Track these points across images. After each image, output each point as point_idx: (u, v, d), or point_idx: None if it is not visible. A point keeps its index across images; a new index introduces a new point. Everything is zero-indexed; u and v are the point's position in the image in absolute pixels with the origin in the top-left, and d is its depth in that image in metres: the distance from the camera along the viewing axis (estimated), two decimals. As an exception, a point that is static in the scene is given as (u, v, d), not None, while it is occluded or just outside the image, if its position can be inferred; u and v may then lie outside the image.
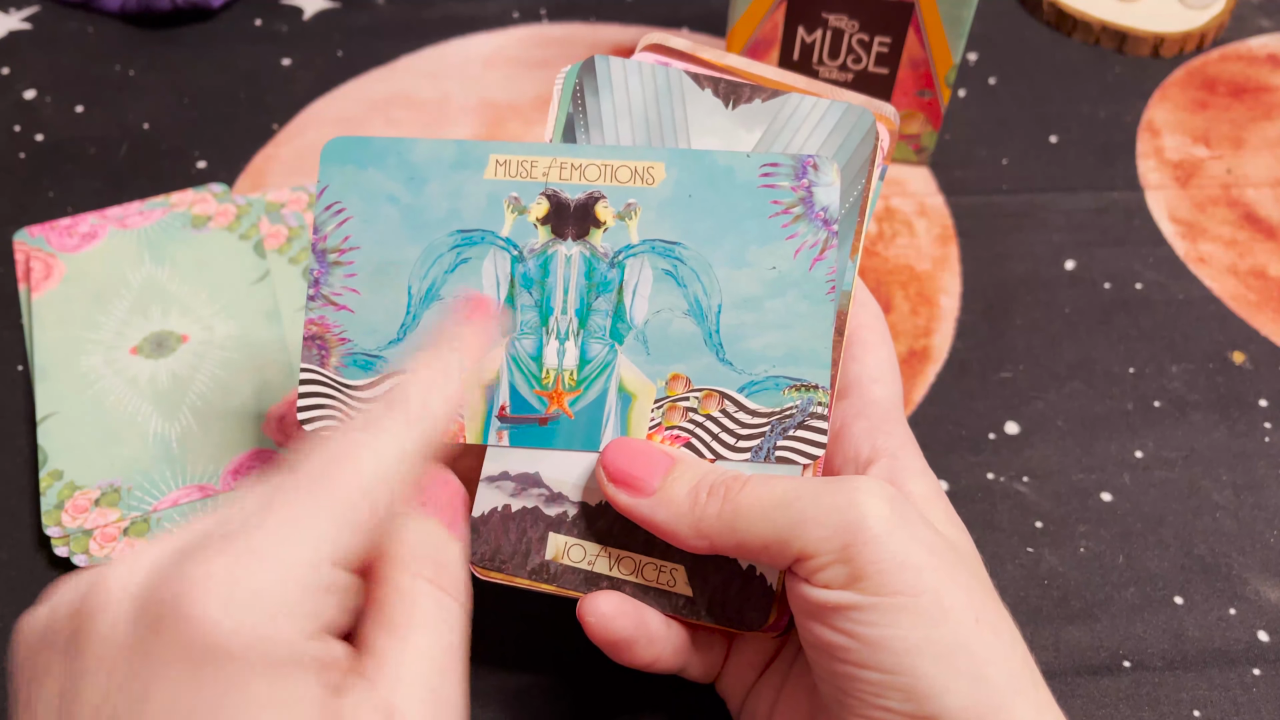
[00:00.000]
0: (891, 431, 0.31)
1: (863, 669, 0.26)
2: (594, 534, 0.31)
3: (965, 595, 0.26)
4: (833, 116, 0.31)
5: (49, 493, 0.38)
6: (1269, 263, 0.49)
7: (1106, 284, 0.48)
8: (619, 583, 0.30)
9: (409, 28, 0.59)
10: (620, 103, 0.32)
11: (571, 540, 0.31)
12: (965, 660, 0.26)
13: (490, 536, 0.31)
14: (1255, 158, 0.53)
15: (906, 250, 0.49)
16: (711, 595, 0.30)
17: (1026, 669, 0.27)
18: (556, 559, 0.30)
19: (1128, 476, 0.41)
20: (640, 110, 0.32)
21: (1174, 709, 0.35)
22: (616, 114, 0.32)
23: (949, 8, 0.47)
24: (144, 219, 0.47)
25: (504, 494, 0.31)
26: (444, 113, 0.54)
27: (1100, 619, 0.37)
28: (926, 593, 0.26)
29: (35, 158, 0.52)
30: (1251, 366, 0.45)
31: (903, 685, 0.25)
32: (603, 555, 0.30)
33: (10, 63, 0.56)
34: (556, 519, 0.31)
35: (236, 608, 0.20)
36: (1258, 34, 0.60)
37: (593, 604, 0.30)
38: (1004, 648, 0.26)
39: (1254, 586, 0.38)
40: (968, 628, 0.26)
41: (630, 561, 0.30)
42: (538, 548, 0.31)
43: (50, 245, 0.46)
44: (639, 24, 0.60)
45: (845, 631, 0.26)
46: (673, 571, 0.30)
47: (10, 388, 0.43)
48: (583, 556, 0.31)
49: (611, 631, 0.29)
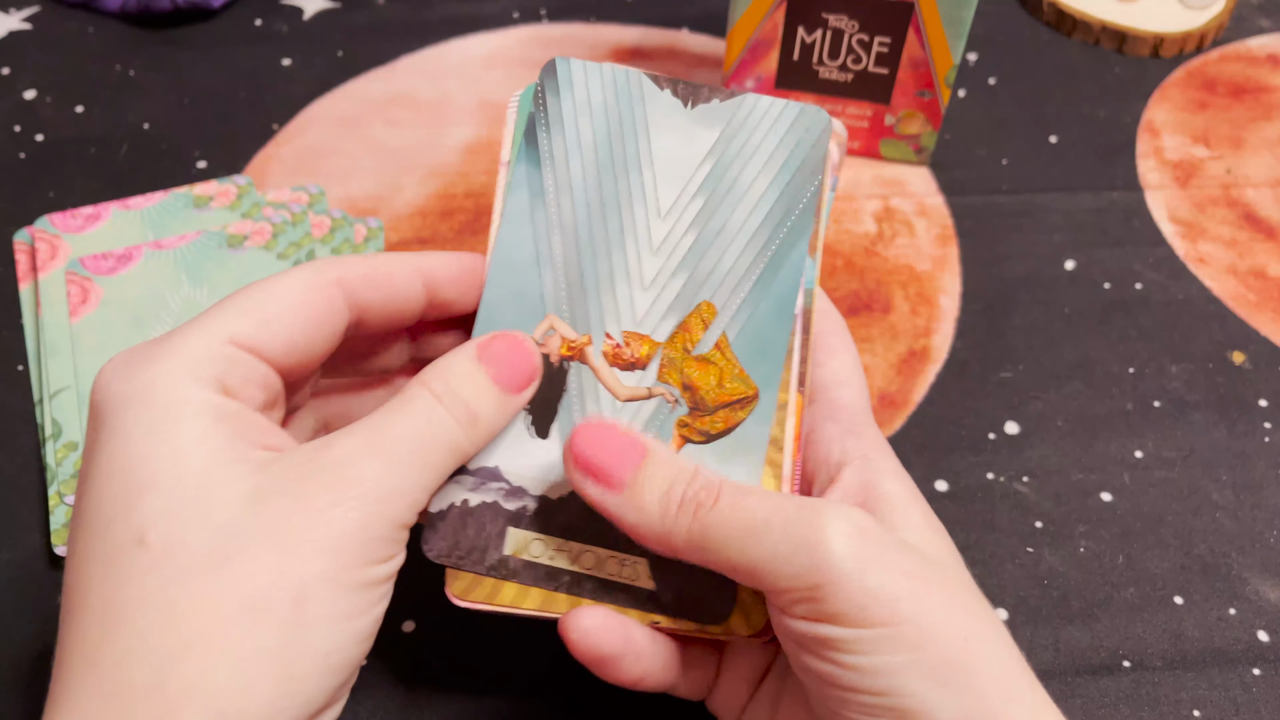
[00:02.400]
0: (862, 434, 0.31)
1: (852, 693, 0.26)
2: (555, 528, 0.30)
3: (949, 614, 0.26)
4: (789, 116, 0.32)
5: (57, 511, 0.38)
6: (1269, 263, 0.49)
7: (1106, 284, 0.48)
8: (580, 578, 0.30)
9: (409, 28, 0.59)
10: (581, 102, 0.32)
11: (531, 535, 0.30)
12: (955, 675, 0.25)
13: (448, 531, 0.30)
14: (1255, 158, 0.53)
15: (906, 250, 0.49)
16: (675, 589, 0.30)
17: (1020, 674, 0.27)
18: (516, 554, 0.30)
19: (1128, 476, 0.41)
20: (601, 110, 0.32)
21: (1174, 709, 0.35)
22: (578, 113, 0.32)
23: (949, 8, 0.47)
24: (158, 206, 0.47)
25: (463, 489, 0.30)
26: (444, 113, 0.54)
27: (1100, 619, 0.37)
28: (907, 622, 0.25)
29: (35, 158, 0.52)
30: (1251, 366, 0.45)
31: (893, 705, 0.25)
32: (563, 550, 0.30)
33: (10, 63, 0.56)
34: (516, 513, 0.30)
35: (123, 372, 0.26)
36: (1258, 34, 0.60)
37: (575, 620, 0.29)
38: (995, 657, 0.26)
39: (1254, 586, 0.38)
40: (956, 646, 0.26)
41: (591, 556, 0.30)
42: (496, 543, 0.30)
43: (55, 227, 0.46)
44: (639, 24, 0.60)
45: (830, 660, 0.26)
46: (635, 565, 0.30)
47: (10, 388, 0.43)
48: (543, 551, 0.30)
49: (595, 648, 0.29)
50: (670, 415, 0.31)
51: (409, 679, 0.36)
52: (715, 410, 0.30)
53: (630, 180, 0.32)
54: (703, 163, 0.32)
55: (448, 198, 0.51)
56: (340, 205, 0.50)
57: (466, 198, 0.50)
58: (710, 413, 0.30)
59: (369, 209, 0.50)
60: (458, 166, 0.52)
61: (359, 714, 0.35)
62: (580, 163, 0.32)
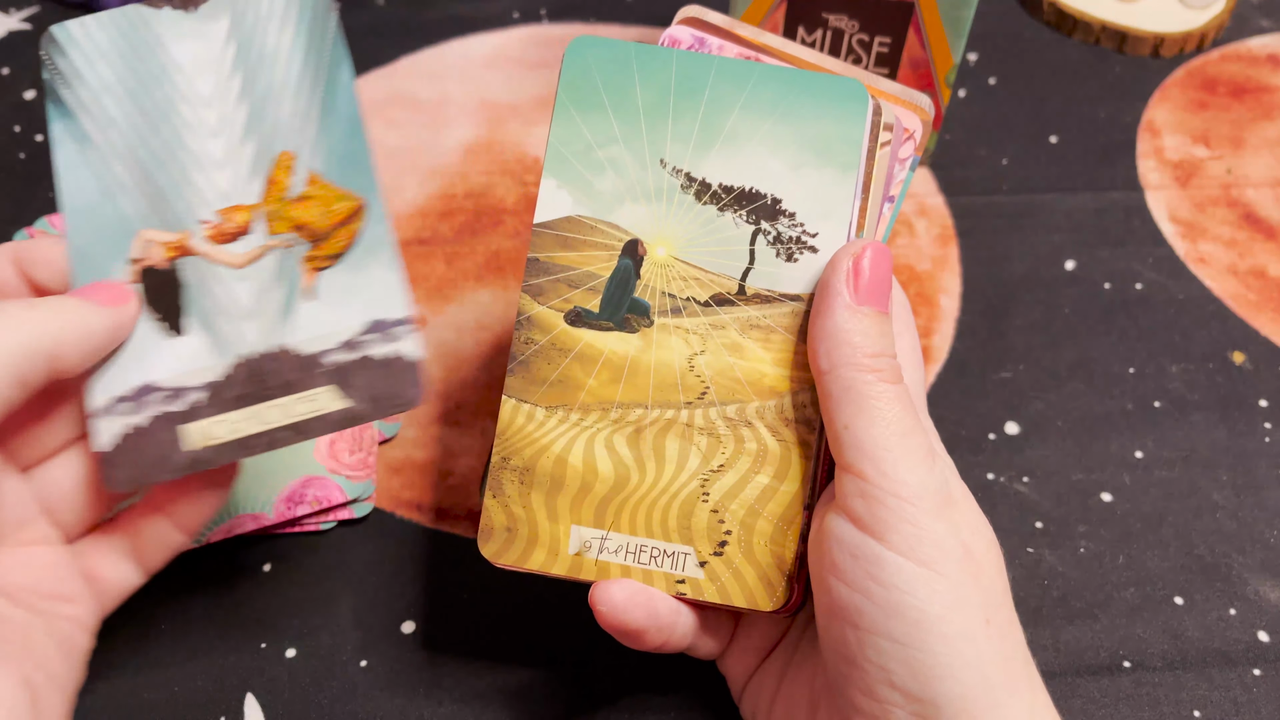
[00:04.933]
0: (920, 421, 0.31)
1: (873, 635, 0.26)
2: (229, 404, 0.30)
3: (982, 595, 0.27)
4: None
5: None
6: (1269, 263, 0.49)
7: (1106, 284, 0.48)
8: (274, 434, 0.30)
9: (409, 28, 0.59)
10: (91, 50, 0.32)
11: (210, 421, 0.30)
12: (972, 652, 0.26)
13: (125, 460, 0.30)
14: (1255, 158, 0.53)
15: (906, 250, 0.49)
16: (369, 395, 0.30)
17: (1026, 673, 0.27)
18: (203, 445, 0.30)
19: (1128, 476, 0.41)
20: (113, 48, 0.32)
21: (1174, 709, 0.35)
22: (92, 60, 0.32)
23: (949, 8, 0.47)
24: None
25: (126, 415, 0.30)
26: (444, 113, 0.54)
27: (1100, 619, 0.37)
28: (950, 577, 0.26)
29: (35, 158, 0.52)
30: (1251, 366, 0.45)
31: (909, 659, 0.26)
32: (248, 417, 0.30)
33: (10, 63, 0.56)
34: (188, 412, 0.30)
35: None
36: (1258, 34, 0.60)
37: (603, 593, 0.30)
38: (1008, 651, 0.27)
39: (1254, 586, 0.38)
40: (978, 624, 0.26)
41: (277, 409, 0.30)
42: (174, 445, 0.30)
43: (54, 228, 0.46)
44: (639, 24, 0.60)
45: (863, 591, 0.27)
46: (320, 395, 0.30)
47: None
48: (228, 430, 0.30)
49: (622, 622, 0.30)
50: (294, 258, 0.31)
51: (409, 679, 0.36)
52: (331, 233, 0.31)
53: (166, 90, 0.32)
54: (225, 46, 0.32)
55: (448, 198, 0.51)
56: (340, 205, 0.50)
57: (466, 198, 0.50)
58: (328, 237, 0.31)
59: (369, 209, 0.50)
60: (458, 166, 0.52)
61: (358, 714, 0.35)
62: (114, 99, 0.32)
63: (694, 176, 0.32)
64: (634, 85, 0.32)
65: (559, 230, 0.32)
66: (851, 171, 0.31)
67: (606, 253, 0.32)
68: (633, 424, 0.31)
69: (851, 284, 0.29)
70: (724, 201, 0.32)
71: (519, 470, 0.31)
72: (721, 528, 0.31)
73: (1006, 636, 0.27)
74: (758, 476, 0.31)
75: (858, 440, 0.28)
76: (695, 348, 0.31)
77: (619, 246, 0.32)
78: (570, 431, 0.31)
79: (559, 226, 0.32)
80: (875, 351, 0.28)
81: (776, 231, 0.31)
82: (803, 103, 0.32)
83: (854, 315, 0.29)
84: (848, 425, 0.28)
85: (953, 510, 0.28)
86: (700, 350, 0.31)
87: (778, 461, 0.31)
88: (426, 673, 0.36)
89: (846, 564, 0.27)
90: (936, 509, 0.27)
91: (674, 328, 0.32)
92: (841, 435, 0.28)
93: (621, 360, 0.32)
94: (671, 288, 0.32)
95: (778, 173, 0.31)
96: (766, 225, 0.31)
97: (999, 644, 0.27)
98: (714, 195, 0.32)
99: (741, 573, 0.31)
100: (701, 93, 0.32)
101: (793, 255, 0.31)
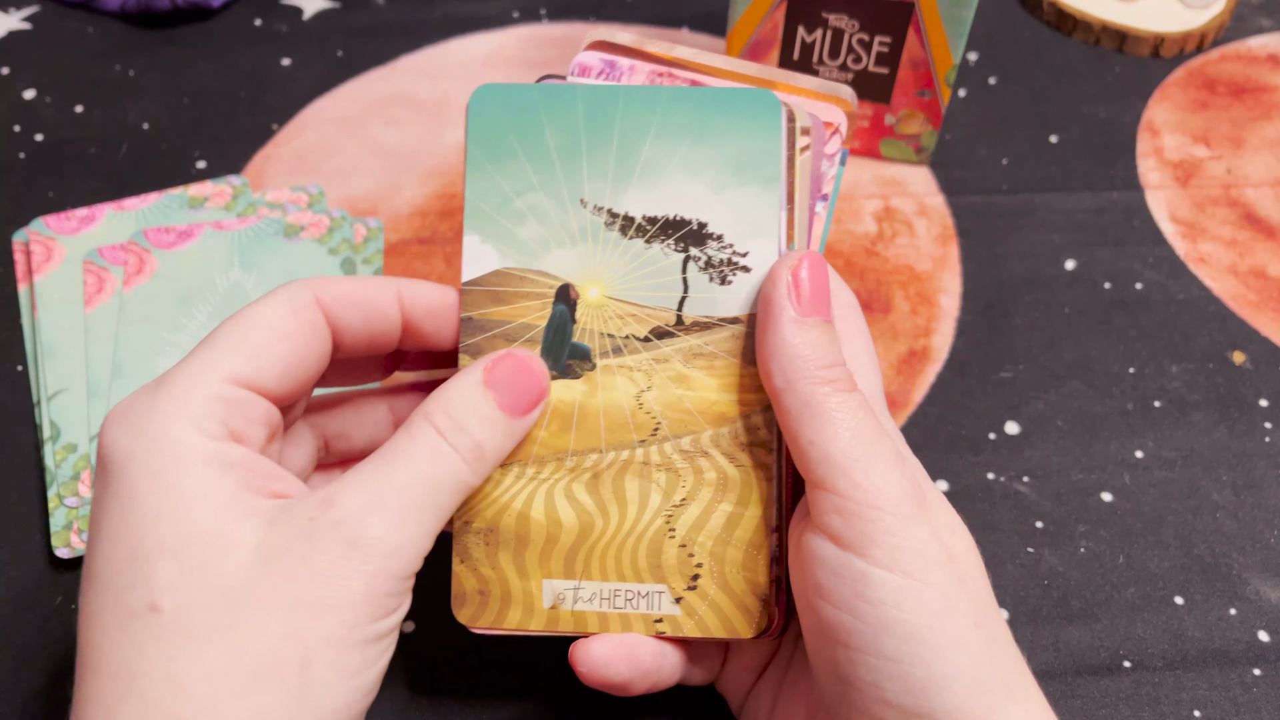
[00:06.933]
0: None
1: (865, 654, 0.26)
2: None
3: (969, 598, 0.27)
4: None
5: (57, 513, 0.38)
6: (1269, 263, 0.49)
7: (1106, 284, 0.48)
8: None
9: (409, 28, 0.59)
10: None
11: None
12: (964, 660, 0.26)
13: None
14: (1255, 158, 0.53)
15: (906, 250, 0.49)
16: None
17: (1020, 675, 0.27)
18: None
19: (1128, 476, 0.41)
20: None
21: (1174, 709, 0.35)
22: None
23: (949, 8, 0.47)
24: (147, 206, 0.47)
25: None
26: (444, 113, 0.54)
27: (1100, 619, 0.37)
28: (936, 584, 0.26)
29: (35, 158, 0.52)
30: (1251, 366, 0.45)
31: (903, 675, 0.26)
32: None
33: (10, 63, 0.56)
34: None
35: (127, 425, 0.26)
36: (1258, 34, 0.60)
37: (584, 653, 0.30)
38: (998, 652, 0.27)
39: (1254, 586, 0.38)
40: (968, 630, 0.26)
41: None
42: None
43: (49, 229, 0.46)
44: (639, 24, 0.60)
45: (851, 610, 0.26)
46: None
47: (10, 388, 0.43)
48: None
49: (605, 678, 0.30)
50: None
51: (409, 679, 0.36)
52: None
53: None
54: None
55: (447, 198, 0.51)
56: (340, 205, 0.50)
57: (466, 198, 0.50)
58: None
59: (368, 209, 0.50)
60: (458, 166, 0.52)
61: (359, 714, 0.35)
62: None
63: (616, 212, 0.31)
64: (543, 128, 0.31)
65: (488, 285, 0.31)
66: (774, 185, 0.30)
67: (539, 302, 0.31)
68: (589, 470, 0.31)
69: (794, 297, 0.29)
70: (650, 233, 0.31)
71: (482, 532, 0.31)
72: (692, 561, 0.30)
73: (996, 638, 0.27)
74: (721, 505, 0.30)
75: (825, 454, 0.27)
76: (641, 384, 0.31)
77: (551, 293, 0.31)
78: (528, 486, 0.31)
79: (488, 281, 0.31)
80: (828, 363, 0.28)
81: (706, 256, 0.31)
82: (715, 121, 0.31)
83: (800, 328, 0.28)
84: (812, 440, 0.27)
85: (929, 512, 0.27)
86: (647, 386, 0.31)
87: (739, 488, 0.30)
88: (426, 673, 0.36)
89: (831, 584, 0.27)
90: (913, 513, 0.27)
91: (617, 367, 0.31)
92: (808, 451, 0.27)
93: (569, 408, 0.31)
94: (609, 327, 0.31)
95: (700, 196, 0.31)
96: (695, 251, 0.31)
97: (989, 647, 0.26)
98: (639, 228, 0.31)
99: (718, 603, 0.30)
100: (612, 126, 0.31)
101: (726, 278, 0.31)
